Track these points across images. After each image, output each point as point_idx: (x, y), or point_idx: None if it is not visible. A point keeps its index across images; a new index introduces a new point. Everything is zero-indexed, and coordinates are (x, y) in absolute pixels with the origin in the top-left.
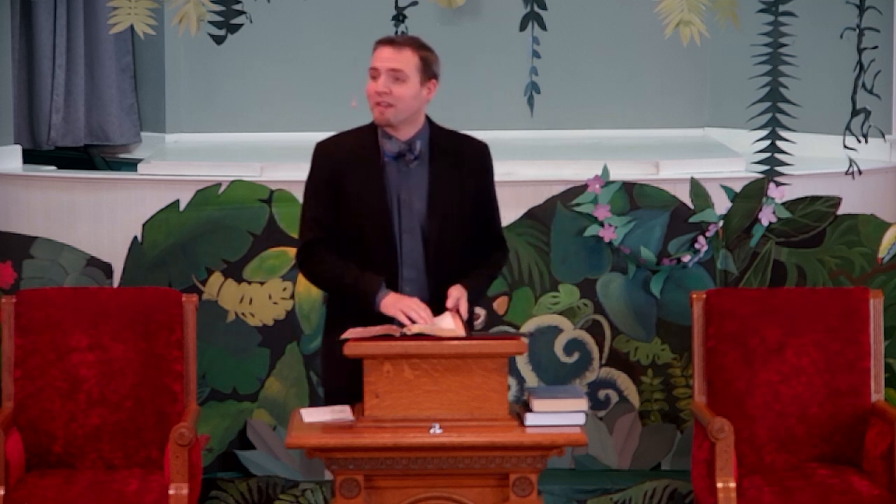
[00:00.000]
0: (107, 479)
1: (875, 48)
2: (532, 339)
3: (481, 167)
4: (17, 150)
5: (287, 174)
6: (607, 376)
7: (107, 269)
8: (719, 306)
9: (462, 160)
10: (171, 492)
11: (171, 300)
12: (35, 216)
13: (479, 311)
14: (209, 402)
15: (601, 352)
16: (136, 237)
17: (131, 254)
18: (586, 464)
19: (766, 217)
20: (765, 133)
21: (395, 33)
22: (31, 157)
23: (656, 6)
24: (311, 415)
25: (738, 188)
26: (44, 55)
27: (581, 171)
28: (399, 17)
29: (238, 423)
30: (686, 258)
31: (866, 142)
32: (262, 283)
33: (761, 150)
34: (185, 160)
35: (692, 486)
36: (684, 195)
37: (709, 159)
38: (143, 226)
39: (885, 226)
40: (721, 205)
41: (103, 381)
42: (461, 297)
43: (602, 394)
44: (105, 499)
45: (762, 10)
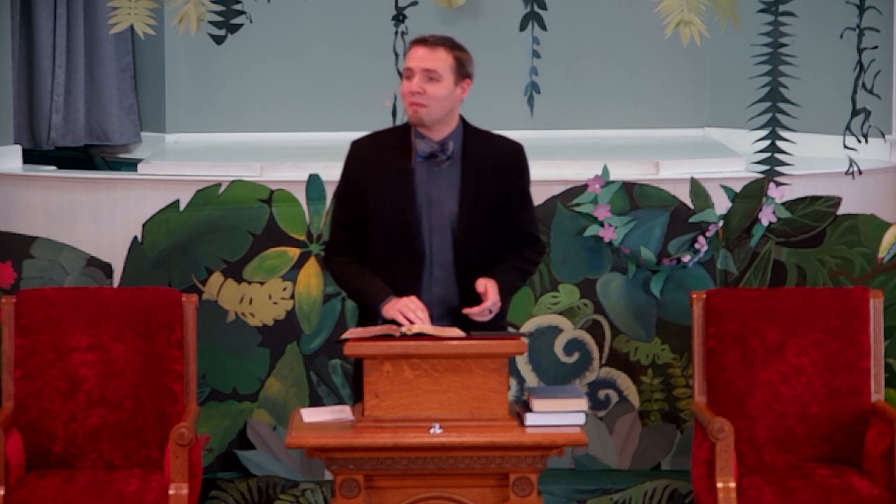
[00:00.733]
0: (107, 479)
1: (875, 48)
2: (532, 339)
3: (515, 168)
4: (17, 150)
5: (287, 174)
6: (607, 376)
7: (107, 269)
8: (719, 306)
9: (495, 161)
10: (171, 492)
11: (171, 300)
12: (35, 216)
13: None
14: (209, 402)
15: (601, 352)
16: (136, 237)
17: (131, 254)
18: (586, 464)
19: (766, 217)
20: (765, 133)
21: (395, 33)
22: (31, 157)
23: (656, 6)
24: (311, 415)
25: (738, 188)
26: (44, 55)
27: (581, 171)
28: (399, 17)
29: (238, 423)
30: (686, 258)
31: (866, 142)
32: (262, 283)
33: (761, 150)
34: (185, 160)
35: (692, 486)
36: (684, 195)
37: (709, 159)
38: (143, 226)
39: (885, 226)
40: (721, 205)
41: (103, 381)
42: (489, 283)
43: (602, 394)
44: (105, 499)
45: (762, 10)
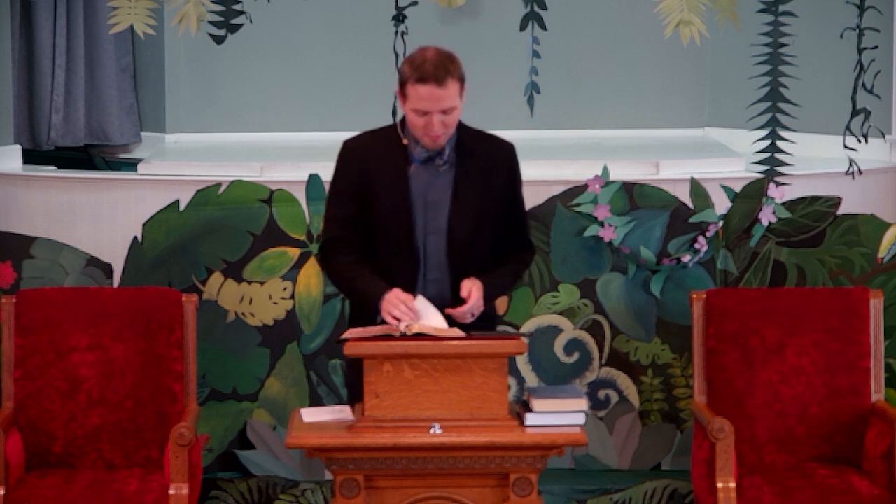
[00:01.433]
0: (107, 479)
1: (875, 48)
2: (532, 339)
3: (507, 168)
4: (17, 150)
5: (287, 174)
6: (607, 376)
7: (107, 269)
8: (719, 306)
9: (488, 161)
10: (171, 492)
11: (171, 300)
12: (35, 216)
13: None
14: (209, 402)
15: (601, 352)
16: (136, 237)
17: (131, 254)
18: (586, 464)
19: (766, 217)
20: (765, 133)
21: (395, 33)
22: (31, 157)
23: (656, 6)
24: (311, 415)
25: (738, 188)
26: (44, 55)
27: (581, 171)
28: (399, 17)
29: (238, 423)
30: (686, 258)
31: (866, 142)
32: (262, 283)
33: (761, 150)
34: (185, 160)
35: (692, 486)
36: (684, 195)
37: (709, 159)
38: (143, 226)
39: (885, 226)
40: (721, 205)
41: (103, 381)
42: (473, 286)
43: (602, 394)
44: (105, 499)
45: (762, 10)
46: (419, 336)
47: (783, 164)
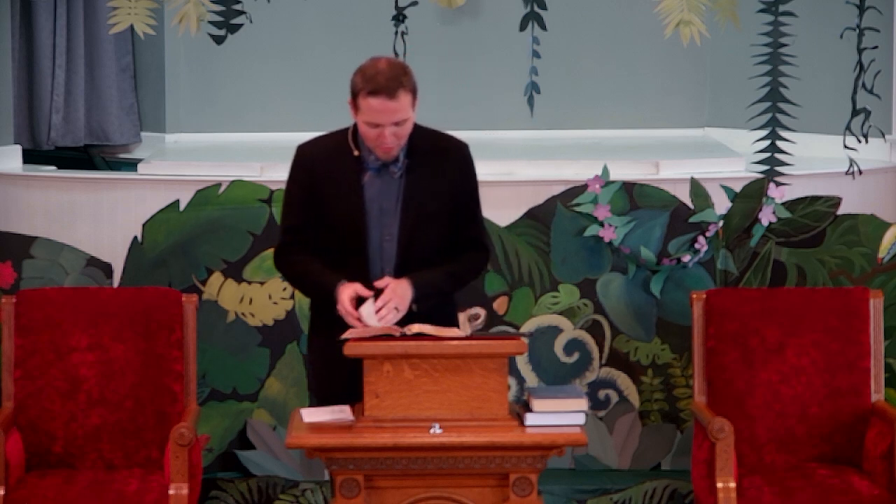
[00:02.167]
0: (107, 479)
1: (875, 48)
2: (532, 339)
3: (461, 168)
4: (17, 150)
5: (287, 174)
6: (607, 376)
7: (107, 269)
8: (719, 306)
9: (441, 162)
10: (171, 492)
11: (171, 300)
12: (35, 216)
13: (479, 311)
14: (209, 402)
15: (601, 352)
16: (136, 237)
17: (131, 254)
18: (586, 464)
19: (766, 217)
20: (765, 133)
21: (395, 33)
22: (31, 157)
23: (656, 6)
24: (311, 415)
25: (738, 188)
26: (44, 55)
27: (581, 171)
28: (399, 17)
29: (238, 423)
30: (686, 258)
31: (866, 142)
32: (262, 283)
33: (761, 150)
34: (185, 160)
35: (692, 486)
36: (684, 195)
37: (709, 159)
38: (143, 226)
39: (885, 226)
40: (721, 205)
41: (103, 381)
42: (390, 283)
43: (602, 394)
44: (105, 499)
45: (762, 10)
46: (419, 336)
47: (783, 164)
